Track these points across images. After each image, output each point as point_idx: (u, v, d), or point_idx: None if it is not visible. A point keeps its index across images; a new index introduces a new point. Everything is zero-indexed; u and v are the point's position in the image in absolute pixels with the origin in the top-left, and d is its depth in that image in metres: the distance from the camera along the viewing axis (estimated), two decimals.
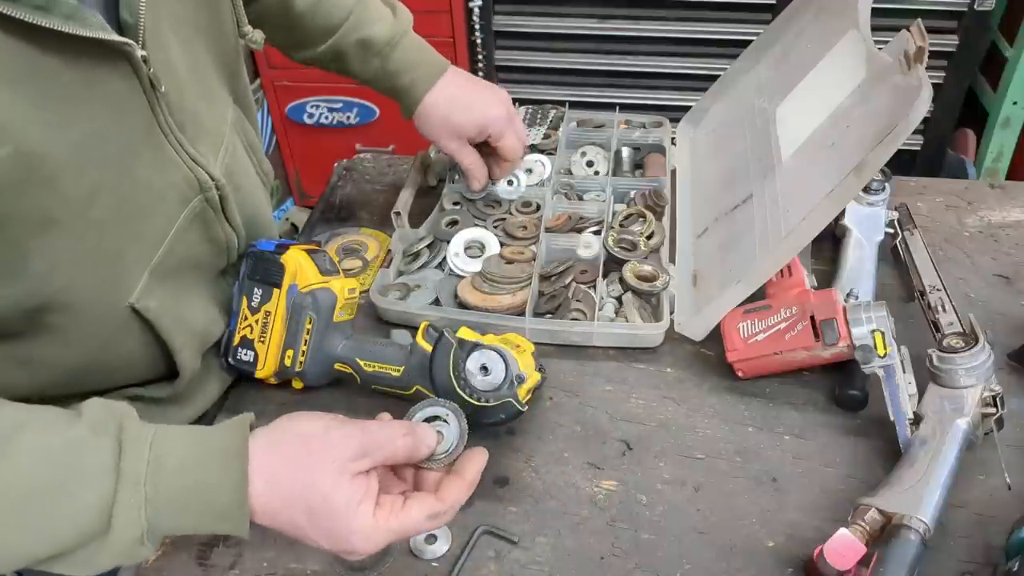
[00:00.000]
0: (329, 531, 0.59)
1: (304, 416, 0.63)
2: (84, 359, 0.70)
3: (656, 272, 0.96)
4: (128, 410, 0.60)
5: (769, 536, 0.74)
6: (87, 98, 0.60)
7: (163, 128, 0.69)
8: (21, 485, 0.54)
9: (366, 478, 0.61)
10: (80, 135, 0.60)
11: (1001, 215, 1.10)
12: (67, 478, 0.55)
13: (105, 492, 0.55)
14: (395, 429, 0.63)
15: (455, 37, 2.18)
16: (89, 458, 0.56)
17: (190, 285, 0.78)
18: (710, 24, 2.08)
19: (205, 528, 0.59)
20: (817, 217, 0.79)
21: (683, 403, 0.87)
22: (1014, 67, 2.01)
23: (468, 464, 0.65)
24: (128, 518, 0.55)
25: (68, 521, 0.54)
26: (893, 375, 0.78)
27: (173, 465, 0.57)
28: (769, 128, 1.00)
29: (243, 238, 0.83)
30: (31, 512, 0.54)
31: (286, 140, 2.46)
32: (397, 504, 0.61)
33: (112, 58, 0.61)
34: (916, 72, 0.74)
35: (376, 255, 1.08)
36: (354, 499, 0.59)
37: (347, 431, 0.61)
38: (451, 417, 0.68)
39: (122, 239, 0.67)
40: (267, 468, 0.59)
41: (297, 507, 0.59)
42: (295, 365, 0.82)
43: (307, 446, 0.60)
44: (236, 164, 0.82)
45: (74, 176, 0.60)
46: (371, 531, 0.59)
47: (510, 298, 0.95)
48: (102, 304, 0.67)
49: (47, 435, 0.56)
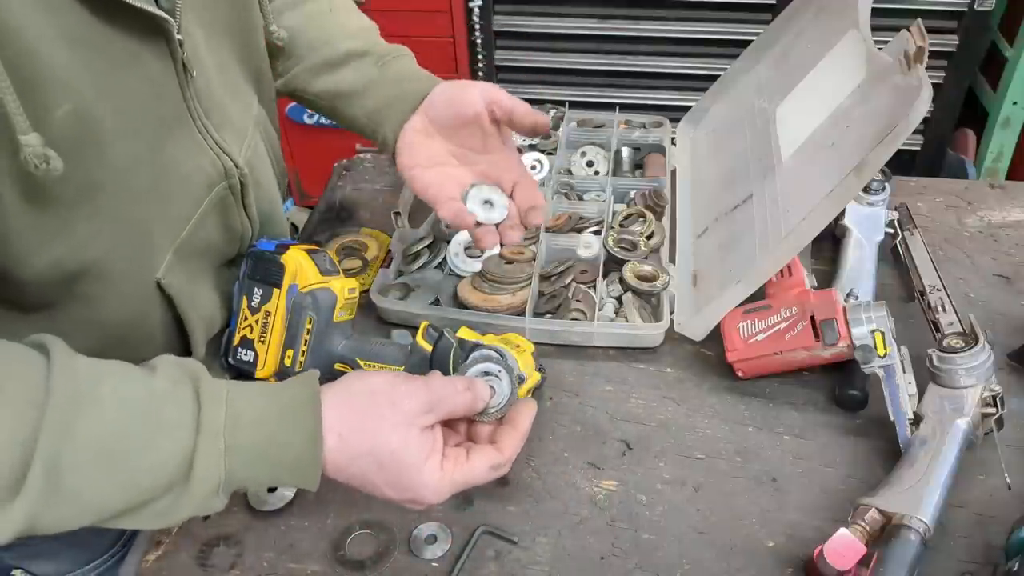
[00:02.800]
0: (398, 483, 0.61)
1: (369, 373, 0.66)
2: (111, 333, 0.70)
3: (656, 272, 0.96)
4: (200, 367, 0.61)
5: (769, 536, 0.74)
6: (129, 71, 0.62)
7: (192, 113, 0.71)
8: (105, 433, 0.54)
9: (432, 432, 0.63)
10: (124, 105, 0.62)
11: (1001, 215, 1.10)
12: (149, 427, 0.56)
13: (187, 441, 0.56)
14: (456, 384, 0.65)
15: (455, 37, 2.18)
16: (170, 409, 0.57)
17: (203, 270, 0.80)
18: (710, 24, 2.08)
19: (278, 480, 0.61)
20: (817, 217, 0.79)
21: (683, 403, 0.87)
22: (1014, 67, 2.01)
23: (520, 416, 0.68)
24: (208, 467, 0.56)
25: (151, 469, 0.55)
26: (893, 375, 0.78)
27: (249, 419, 0.59)
28: (769, 128, 1.00)
29: (257, 231, 0.84)
30: (115, 459, 0.54)
31: (286, 140, 2.42)
32: (461, 457, 0.64)
33: (152, 36, 0.63)
34: (916, 72, 0.74)
35: (376, 255, 1.08)
36: (423, 453, 0.61)
37: (413, 386, 0.63)
38: (503, 373, 0.70)
39: (153, 214, 0.68)
40: (338, 424, 0.60)
41: (367, 461, 0.61)
42: (295, 365, 0.82)
43: (375, 401, 0.62)
44: (257, 160, 0.84)
45: (119, 143, 0.61)
46: (439, 483, 0.62)
47: (510, 298, 0.95)
48: (133, 276, 0.69)
49: (127, 385, 0.57)
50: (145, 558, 0.74)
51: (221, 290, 0.83)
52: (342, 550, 0.74)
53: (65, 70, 0.55)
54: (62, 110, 0.55)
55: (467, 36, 2.17)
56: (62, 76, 0.55)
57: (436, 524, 0.75)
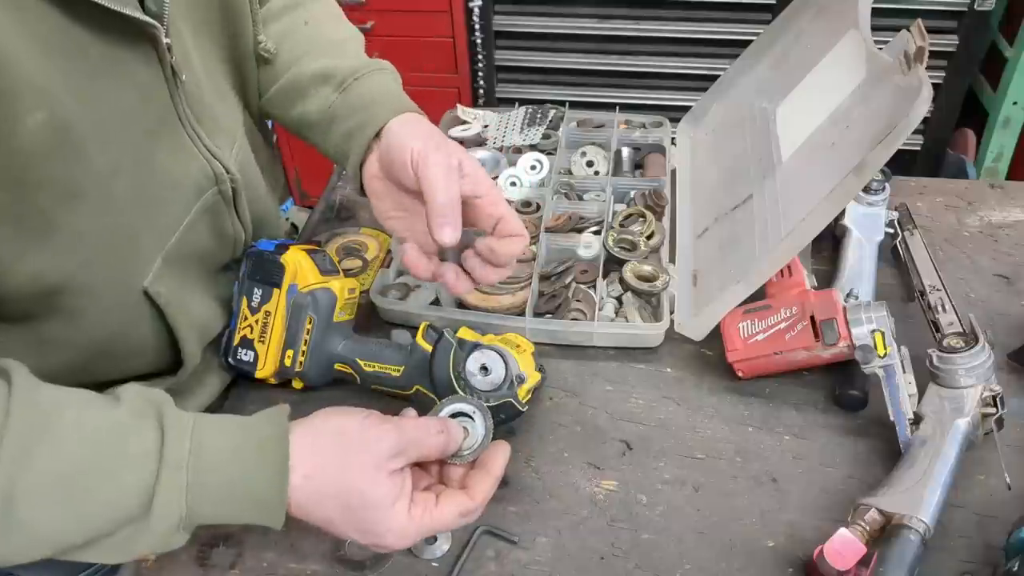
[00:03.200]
0: (363, 527, 0.60)
1: (339, 411, 0.64)
2: (95, 345, 0.70)
3: (656, 272, 0.96)
4: (166, 397, 0.60)
5: (769, 536, 0.74)
6: (113, 77, 0.61)
7: (182, 118, 0.70)
8: (62, 464, 0.53)
9: (401, 475, 0.62)
10: (106, 112, 0.61)
11: (1001, 215, 1.10)
12: (109, 459, 0.54)
13: (147, 475, 0.55)
14: (429, 427, 0.64)
15: (455, 37, 2.18)
16: (132, 440, 0.56)
17: (195, 277, 0.78)
18: (710, 24, 2.08)
19: (241, 518, 0.60)
20: (817, 217, 0.79)
21: (683, 403, 0.87)
22: (1014, 67, 2.01)
23: (493, 459, 0.67)
24: (169, 502, 0.55)
25: (109, 502, 0.54)
26: (893, 375, 0.78)
27: (214, 453, 0.58)
28: (769, 128, 1.00)
29: (250, 237, 0.84)
30: (73, 491, 0.53)
31: (286, 140, 2.46)
32: (430, 502, 0.62)
33: (138, 41, 0.63)
34: (916, 72, 0.74)
35: (376, 255, 1.08)
36: (390, 497, 0.60)
37: (384, 428, 0.62)
38: (476, 414, 0.69)
39: (139, 221, 0.67)
40: (306, 463, 0.59)
41: (333, 503, 0.60)
42: (295, 365, 0.82)
43: (345, 442, 0.61)
44: (248, 166, 0.83)
45: (99, 151, 0.61)
46: (405, 528, 0.61)
47: (510, 298, 0.95)
48: (117, 286, 0.68)
49: (89, 415, 0.56)
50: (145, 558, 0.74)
51: (215, 296, 0.82)
52: (342, 550, 0.74)
53: (38, 77, 0.54)
54: (34, 118, 0.54)
55: (467, 36, 2.17)
56: (36, 83, 0.54)
57: None
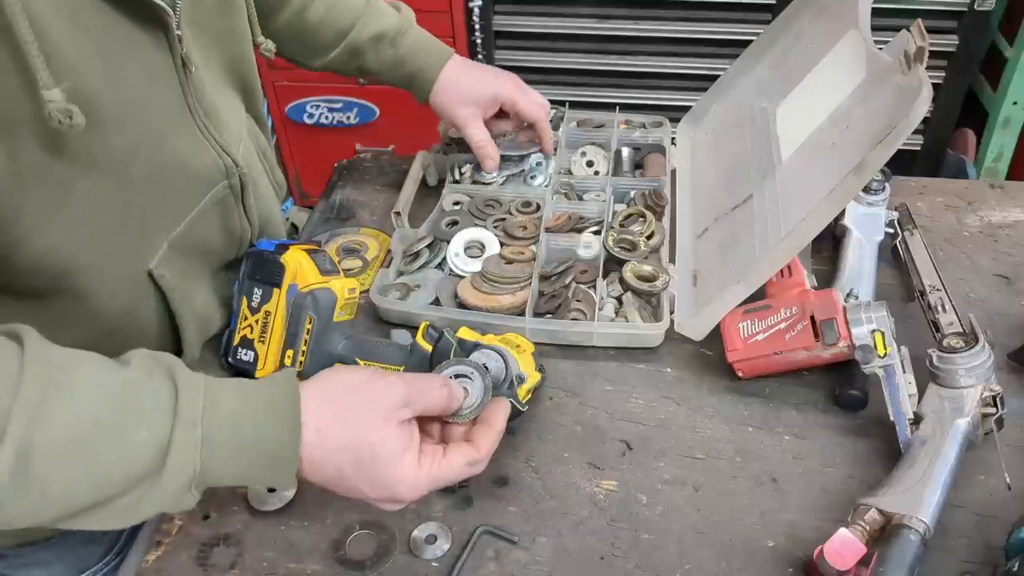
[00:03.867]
0: (375, 479, 0.61)
1: (345, 369, 0.66)
2: (102, 324, 0.70)
3: (656, 272, 0.96)
4: (175, 360, 0.60)
5: (769, 536, 0.74)
6: (130, 59, 0.63)
7: (192, 109, 0.71)
8: (77, 419, 0.53)
9: (409, 426, 0.63)
10: (124, 92, 0.62)
11: (1001, 215, 1.10)
12: (124, 415, 0.54)
13: (162, 430, 0.55)
14: (433, 380, 0.65)
15: (455, 37, 2.17)
16: (146, 397, 0.56)
17: (199, 268, 0.80)
18: (710, 24, 2.08)
19: (252, 477, 0.60)
20: (817, 217, 0.79)
21: (683, 403, 0.87)
22: (1014, 67, 2.01)
23: (494, 414, 0.68)
24: (183, 458, 0.55)
25: (123, 458, 0.53)
26: (893, 375, 0.78)
27: (227, 410, 0.58)
28: (769, 128, 1.00)
29: (256, 235, 0.85)
30: (86, 448, 0.52)
31: (286, 140, 2.46)
32: (438, 452, 0.63)
33: (152, 27, 0.64)
34: (916, 72, 0.74)
35: (376, 255, 1.08)
36: (400, 446, 0.61)
37: (389, 379, 0.63)
38: (475, 374, 0.70)
39: (150, 205, 0.69)
40: (316, 417, 0.60)
41: (344, 456, 0.60)
42: (295, 365, 0.82)
43: (353, 395, 0.62)
44: (252, 165, 0.84)
45: (117, 130, 0.62)
46: (416, 479, 0.61)
47: (510, 298, 0.95)
48: (123, 265, 0.69)
49: (101, 373, 0.56)
50: (145, 558, 0.74)
51: (219, 292, 0.83)
52: (342, 550, 0.74)
53: (67, 47, 0.55)
54: (62, 86, 0.55)
55: (467, 36, 2.17)
56: (64, 53, 0.55)
57: (436, 524, 0.75)
